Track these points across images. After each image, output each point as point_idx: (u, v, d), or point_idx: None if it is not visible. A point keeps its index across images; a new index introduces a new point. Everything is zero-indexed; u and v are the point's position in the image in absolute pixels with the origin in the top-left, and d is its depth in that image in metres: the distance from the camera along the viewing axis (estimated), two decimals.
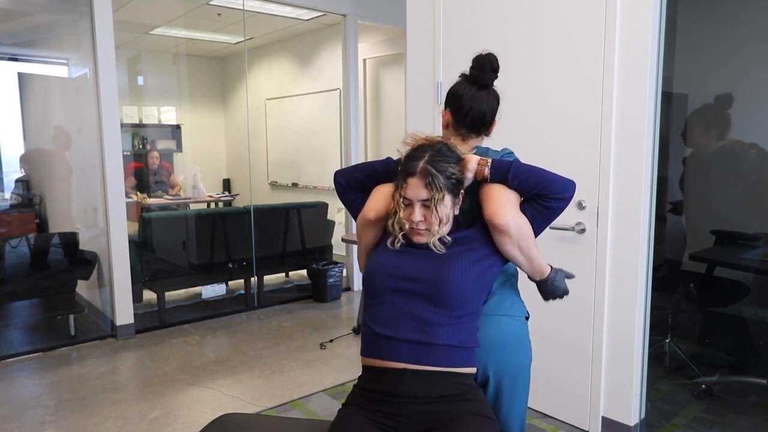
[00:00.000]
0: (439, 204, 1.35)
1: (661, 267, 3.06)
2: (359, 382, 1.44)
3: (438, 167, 1.36)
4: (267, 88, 6.62)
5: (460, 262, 1.37)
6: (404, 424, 1.33)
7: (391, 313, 1.36)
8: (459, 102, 1.53)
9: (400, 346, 1.33)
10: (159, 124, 6.78)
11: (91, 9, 3.56)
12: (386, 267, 1.40)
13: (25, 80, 4.64)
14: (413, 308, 1.34)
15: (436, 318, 1.34)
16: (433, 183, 1.35)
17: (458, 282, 1.34)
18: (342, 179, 1.57)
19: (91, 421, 2.68)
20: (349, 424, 1.35)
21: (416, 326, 1.34)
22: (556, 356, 2.57)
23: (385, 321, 1.36)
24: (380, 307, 1.38)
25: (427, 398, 1.33)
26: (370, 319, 1.41)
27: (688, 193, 3.58)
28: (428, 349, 1.33)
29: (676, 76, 3.46)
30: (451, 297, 1.34)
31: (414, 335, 1.33)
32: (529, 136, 2.57)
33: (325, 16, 5.11)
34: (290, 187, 6.39)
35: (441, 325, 1.33)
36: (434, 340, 1.33)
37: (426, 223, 1.37)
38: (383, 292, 1.38)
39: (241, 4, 4.77)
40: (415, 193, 1.36)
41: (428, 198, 1.35)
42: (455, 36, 2.86)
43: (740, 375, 3.15)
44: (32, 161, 4.60)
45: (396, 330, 1.34)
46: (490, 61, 1.55)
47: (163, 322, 4.13)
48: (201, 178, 6.30)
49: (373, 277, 1.41)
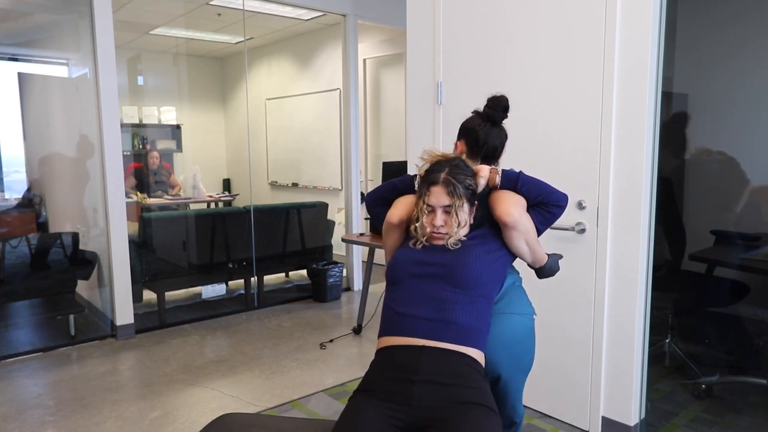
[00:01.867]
0: (459, 210, 1.54)
1: (661, 267, 3.06)
2: (372, 366, 1.51)
3: (457, 178, 1.55)
4: (267, 88, 6.62)
5: (475, 251, 1.54)
6: (415, 409, 1.38)
7: (411, 293, 1.51)
8: (475, 136, 1.74)
9: (419, 324, 1.46)
10: (159, 124, 6.77)
11: (91, 9, 3.56)
12: (409, 256, 1.58)
13: (25, 80, 4.64)
14: (431, 288, 1.49)
15: (452, 296, 1.48)
16: (454, 191, 1.54)
17: (473, 264, 1.51)
18: (370, 198, 1.84)
19: (91, 421, 2.68)
20: (360, 414, 1.40)
21: (434, 305, 1.47)
22: (556, 356, 2.57)
23: (405, 301, 1.50)
24: (401, 292, 1.53)
25: (440, 376, 1.40)
26: (390, 303, 1.55)
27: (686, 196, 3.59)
28: (445, 326, 1.45)
29: (676, 76, 3.47)
30: (466, 276, 1.49)
31: (432, 313, 1.46)
32: (530, 136, 2.57)
33: (325, 16, 5.11)
34: (290, 187, 6.39)
35: (457, 303, 1.47)
36: (450, 318, 1.46)
37: (446, 227, 1.55)
38: (404, 278, 1.54)
39: (241, 4, 4.77)
40: (438, 200, 1.55)
41: (449, 204, 1.54)
42: (455, 36, 2.86)
43: (740, 375, 3.15)
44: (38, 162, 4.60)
45: (415, 308, 1.48)
46: (502, 102, 1.75)
47: (163, 322, 4.13)
48: (201, 178, 6.29)
49: (396, 266, 1.58)
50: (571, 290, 2.48)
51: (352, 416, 1.41)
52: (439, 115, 2.97)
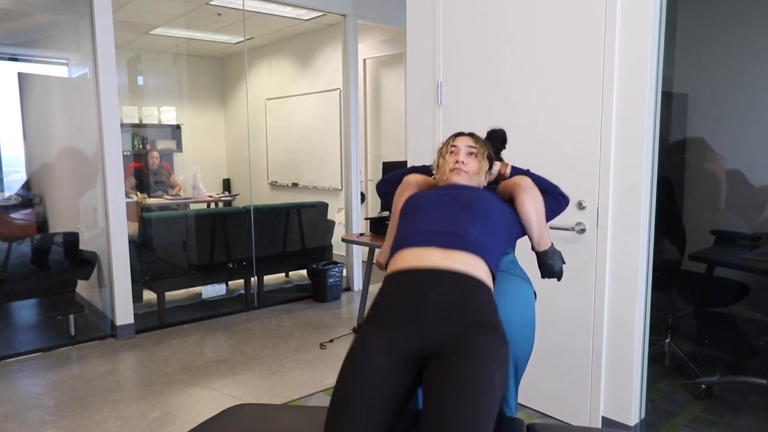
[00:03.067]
0: (482, 157, 1.70)
1: (661, 267, 3.06)
2: (381, 291, 1.48)
3: (480, 139, 1.75)
4: (267, 88, 6.62)
5: (490, 195, 1.65)
6: (423, 331, 1.35)
7: (428, 215, 1.56)
8: None
9: (433, 236, 1.49)
10: (159, 124, 6.77)
11: (91, 9, 3.56)
12: (426, 193, 1.67)
13: (25, 80, 4.64)
14: (446, 212, 1.55)
15: (467, 219, 1.52)
16: (479, 141, 1.73)
17: (488, 201, 1.59)
18: (382, 183, 1.93)
19: (91, 421, 2.68)
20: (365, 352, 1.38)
21: (449, 222, 1.52)
22: (556, 356, 2.57)
23: (421, 220, 1.55)
24: (417, 215, 1.58)
25: (452, 294, 1.38)
26: (406, 224, 1.58)
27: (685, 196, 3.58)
28: (458, 237, 1.48)
29: (676, 76, 3.46)
30: (483, 207, 1.56)
31: (446, 228, 1.50)
32: (530, 136, 2.57)
33: (325, 16, 5.11)
34: (290, 187, 6.39)
35: (471, 224, 1.51)
36: (464, 233, 1.49)
37: (468, 166, 1.67)
38: (422, 206, 1.60)
39: (241, 4, 4.77)
40: (463, 143, 1.71)
41: (475, 146, 1.70)
42: (455, 36, 2.86)
43: (740, 375, 3.15)
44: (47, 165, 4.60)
45: (430, 224, 1.52)
46: (500, 134, 1.90)
47: (163, 322, 4.13)
48: (201, 178, 6.29)
49: (414, 198, 1.66)
50: (571, 290, 2.48)
51: (357, 355, 1.38)
52: (439, 115, 2.97)
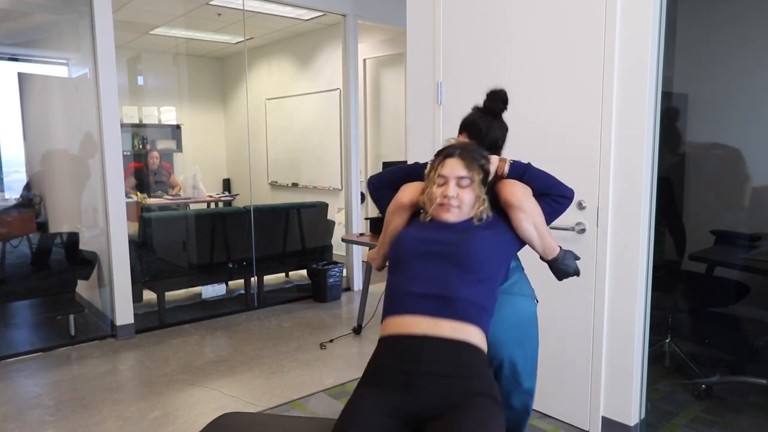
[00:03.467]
0: (476, 183, 1.51)
1: (661, 267, 3.06)
2: (374, 356, 1.49)
3: (473, 155, 1.55)
4: (267, 88, 6.62)
5: (482, 232, 1.52)
6: (418, 399, 1.35)
7: (414, 272, 1.48)
8: (477, 128, 1.75)
9: (422, 302, 1.43)
10: (159, 124, 6.77)
11: (91, 9, 3.56)
12: (415, 235, 1.54)
13: (25, 80, 4.64)
14: (436, 268, 1.46)
15: (457, 276, 1.44)
16: (471, 164, 1.52)
17: (479, 246, 1.48)
18: (375, 181, 1.80)
19: (91, 421, 2.68)
20: (362, 407, 1.37)
21: (438, 283, 1.44)
22: (556, 356, 2.57)
23: (408, 279, 1.47)
24: (406, 273, 1.49)
25: (442, 367, 1.37)
26: (393, 281, 1.51)
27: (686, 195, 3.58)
28: (448, 303, 1.42)
29: (676, 76, 3.47)
30: (472, 257, 1.46)
31: (435, 290, 1.43)
32: (530, 136, 2.57)
33: (325, 16, 5.11)
34: (290, 187, 6.39)
35: (461, 282, 1.43)
36: (454, 294, 1.42)
37: (458, 200, 1.51)
38: (410, 257, 1.50)
39: (241, 4, 4.77)
40: (453, 171, 1.52)
41: (466, 176, 1.51)
42: (455, 36, 2.86)
43: (740, 375, 3.15)
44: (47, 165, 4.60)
45: (418, 286, 1.45)
46: (501, 95, 1.78)
47: (163, 322, 4.13)
48: (201, 178, 6.30)
49: (400, 243, 1.55)
50: (571, 290, 2.48)
51: (354, 409, 1.39)
52: (439, 115, 2.97)
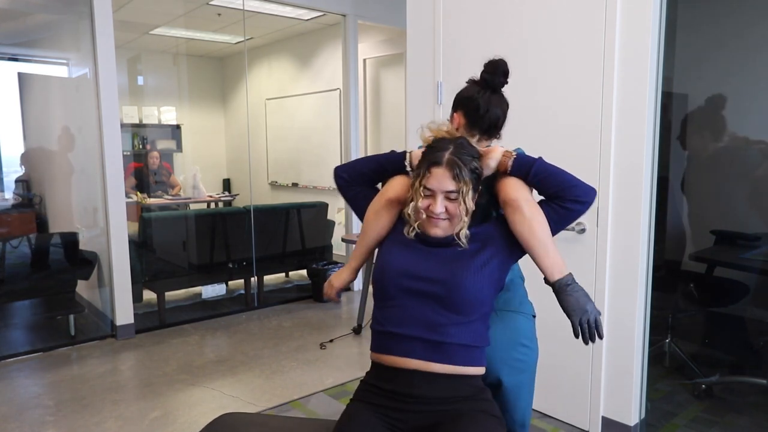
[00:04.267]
0: (466, 197, 1.33)
1: (661, 267, 3.06)
2: (367, 377, 1.44)
3: (463, 159, 1.34)
4: (267, 88, 6.62)
5: (475, 262, 1.35)
6: (411, 418, 1.34)
7: (403, 314, 1.35)
8: (475, 105, 1.52)
9: (412, 345, 1.33)
10: (159, 124, 6.77)
11: (91, 9, 3.56)
12: (398, 266, 1.37)
13: (25, 80, 4.64)
14: (425, 311, 1.33)
15: (448, 320, 1.33)
16: (460, 175, 1.32)
17: (472, 285, 1.32)
18: (345, 174, 1.55)
19: (91, 421, 2.68)
20: (357, 416, 1.36)
21: (428, 327, 1.33)
22: (556, 356, 2.57)
23: (397, 321, 1.35)
24: (392, 310, 1.37)
25: (435, 399, 1.33)
26: (382, 319, 1.39)
27: (690, 194, 3.58)
28: (439, 347, 1.32)
29: (676, 76, 3.46)
30: (464, 301, 1.32)
31: (425, 334, 1.32)
32: (530, 136, 2.57)
33: (325, 16, 5.11)
34: (290, 187, 6.39)
35: (453, 325, 1.33)
36: (445, 339, 1.32)
37: (447, 214, 1.34)
38: (395, 293, 1.36)
39: (241, 4, 4.77)
40: (440, 184, 1.33)
41: (454, 190, 1.33)
42: (455, 36, 2.86)
43: (740, 375, 3.15)
44: (32, 160, 4.61)
45: (408, 329, 1.34)
46: (501, 66, 1.54)
47: (163, 322, 4.13)
48: (201, 178, 6.30)
49: (384, 276, 1.38)
50: None
51: (350, 420, 1.36)
52: (439, 115, 2.97)
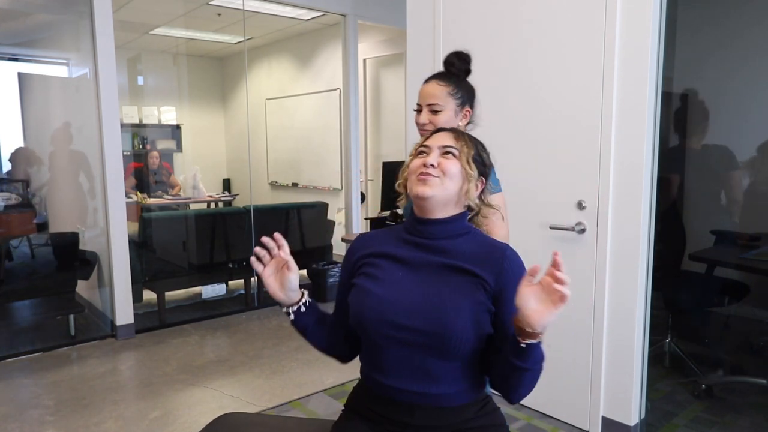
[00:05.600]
0: (466, 156, 1.20)
1: (661, 267, 3.07)
2: (360, 390, 1.32)
3: (471, 138, 1.27)
4: (267, 88, 6.62)
5: (465, 303, 1.15)
6: None
7: (390, 362, 1.19)
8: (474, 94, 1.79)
9: (404, 395, 1.20)
10: (159, 124, 6.78)
11: (91, 9, 3.56)
12: (377, 313, 1.18)
13: (25, 80, 4.64)
14: (414, 359, 1.17)
15: (441, 367, 1.17)
16: (462, 136, 1.23)
17: (461, 330, 1.13)
18: None
19: (91, 421, 2.68)
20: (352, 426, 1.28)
21: (421, 376, 1.18)
22: (556, 356, 2.57)
23: (387, 370, 1.20)
24: (379, 356, 1.21)
25: (439, 428, 1.21)
26: (371, 366, 1.25)
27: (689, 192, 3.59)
28: (436, 395, 1.18)
29: (676, 76, 3.47)
30: (455, 348, 1.14)
31: (420, 387, 1.18)
32: (530, 135, 2.57)
33: (325, 16, 5.11)
34: (290, 187, 6.39)
35: (447, 372, 1.18)
36: (442, 390, 1.18)
37: (439, 170, 1.18)
38: (378, 340, 1.20)
39: (241, 4, 4.77)
40: (438, 141, 1.22)
41: (453, 146, 1.20)
42: (455, 36, 2.86)
43: (740, 375, 3.15)
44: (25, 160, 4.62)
45: (399, 380, 1.19)
46: (463, 57, 1.78)
47: (163, 322, 4.13)
48: (201, 178, 6.30)
49: (363, 322, 1.20)
50: (571, 290, 2.47)
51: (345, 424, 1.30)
52: None
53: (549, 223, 2.50)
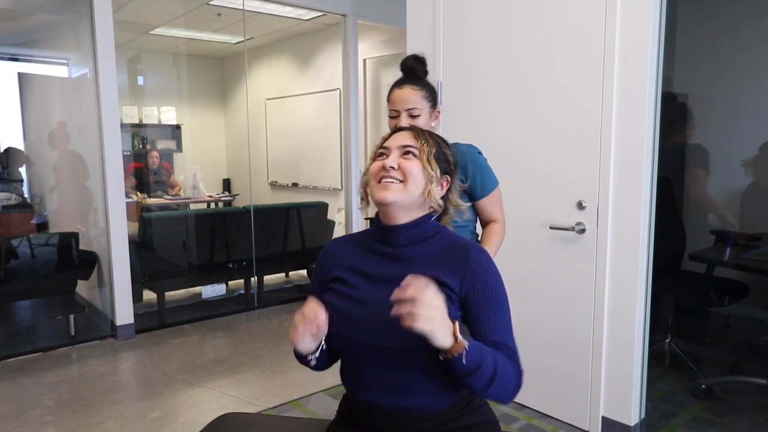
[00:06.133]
0: (427, 155, 1.16)
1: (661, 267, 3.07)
2: (347, 401, 1.32)
3: (432, 135, 1.24)
4: (267, 88, 6.62)
5: None
6: None
7: (366, 378, 1.20)
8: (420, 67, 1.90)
9: (385, 406, 1.20)
10: (159, 124, 6.78)
11: (91, 9, 3.56)
12: (346, 332, 1.18)
13: (25, 80, 4.64)
14: (385, 375, 1.17)
15: (409, 379, 1.17)
16: (422, 134, 1.20)
17: (417, 345, 1.05)
18: None
19: (91, 421, 2.68)
20: None
21: (394, 390, 1.18)
22: (555, 356, 2.57)
23: (363, 385, 1.21)
24: (355, 372, 1.22)
25: (422, 430, 1.22)
26: (349, 380, 1.26)
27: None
28: (414, 406, 1.19)
29: (676, 76, 3.47)
30: (416, 361, 1.14)
31: (394, 400, 1.18)
32: (530, 135, 2.57)
33: (325, 16, 5.11)
34: (290, 187, 6.39)
35: (418, 383, 1.17)
36: (415, 402, 1.18)
37: (400, 172, 1.15)
38: (350, 358, 1.23)
39: (241, 4, 4.77)
40: (398, 141, 1.19)
41: (413, 146, 1.17)
42: (455, 36, 2.86)
43: (740, 375, 3.15)
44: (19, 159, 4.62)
45: (376, 395, 1.20)
46: (419, 59, 1.86)
47: (163, 322, 4.13)
48: (201, 178, 6.30)
49: (334, 341, 1.21)
50: (570, 290, 2.48)
51: None
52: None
53: (549, 223, 2.50)
